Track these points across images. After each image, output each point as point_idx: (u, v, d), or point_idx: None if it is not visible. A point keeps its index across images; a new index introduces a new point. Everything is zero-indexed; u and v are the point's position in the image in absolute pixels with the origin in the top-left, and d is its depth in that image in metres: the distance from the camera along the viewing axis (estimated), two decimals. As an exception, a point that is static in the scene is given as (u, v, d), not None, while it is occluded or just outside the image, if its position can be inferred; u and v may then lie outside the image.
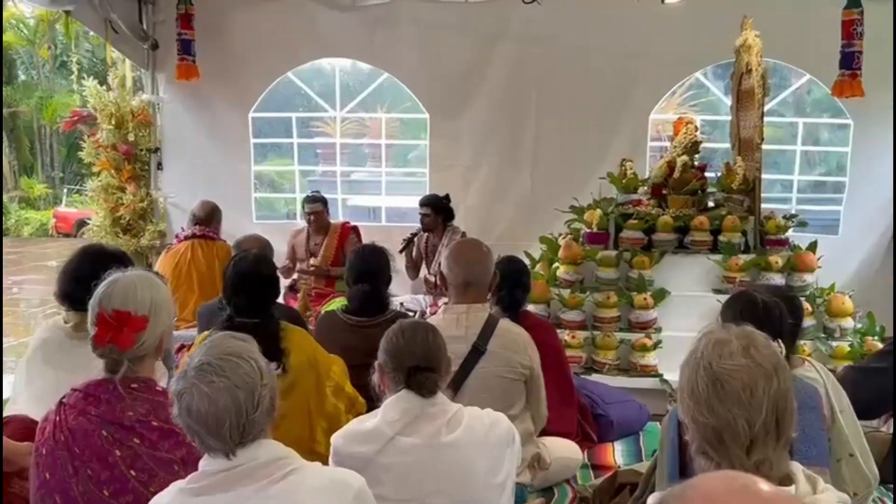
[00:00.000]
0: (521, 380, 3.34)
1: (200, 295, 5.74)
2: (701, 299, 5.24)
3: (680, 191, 5.74)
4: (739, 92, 5.90)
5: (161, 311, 2.44)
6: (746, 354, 1.78)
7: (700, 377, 1.78)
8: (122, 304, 2.37)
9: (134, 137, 7.55)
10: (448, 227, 6.72)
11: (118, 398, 2.33)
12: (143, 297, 2.40)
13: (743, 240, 5.55)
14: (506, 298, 3.93)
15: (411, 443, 2.47)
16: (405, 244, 6.73)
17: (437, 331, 2.63)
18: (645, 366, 5.25)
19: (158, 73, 7.69)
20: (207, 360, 1.92)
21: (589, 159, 7.03)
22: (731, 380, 1.75)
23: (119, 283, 2.42)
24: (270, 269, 3.59)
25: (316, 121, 10.86)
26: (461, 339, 3.23)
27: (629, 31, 7.01)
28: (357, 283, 3.95)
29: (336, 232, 6.79)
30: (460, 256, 3.45)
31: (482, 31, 7.37)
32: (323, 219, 6.77)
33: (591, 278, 5.60)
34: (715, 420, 1.75)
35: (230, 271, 3.45)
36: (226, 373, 1.90)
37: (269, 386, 1.97)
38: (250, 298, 3.34)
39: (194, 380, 1.90)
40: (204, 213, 6.29)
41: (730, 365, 1.77)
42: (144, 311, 2.39)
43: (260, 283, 3.40)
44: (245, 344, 2.01)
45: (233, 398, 1.89)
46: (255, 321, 3.26)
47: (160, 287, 2.50)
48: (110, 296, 2.38)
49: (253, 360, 1.96)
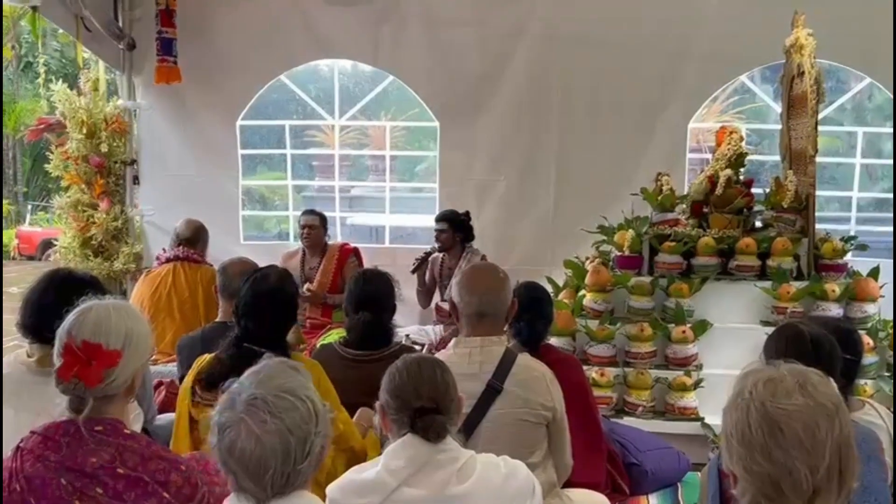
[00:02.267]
0: (543, 423, 3.33)
1: (182, 324, 5.76)
2: (747, 332, 5.22)
3: (723, 209, 5.73)
4: (790, 97, 5.90)
5: (137, 347, 2.44)
6: (804, 392, 1.77)
7: (753, 420, 1.77)
8: (94, 334, 2.36)
9: (107, 148, 7.57)
10: (467, 249, 6.76)
11: (80, 442, 2.32)
12: (117, 328, 2.40)
13: (795, 265, 5.54)
14: (525, 330, 3.92)
15: (417, 495, 2.46)
16: (418, 263, 6.76)
17: (446, 367, 2.63)
18: (684, 408, 5.22)
19: (135, 76, 7.74)
20: (262, 395, 1.92)
21: (620, 173, 7.02)
22: (789, 421, 1.74)
23: (92, 311, 2.42)
24: (293, 292, 3.63)
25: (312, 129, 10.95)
26: (474, 377, 3.22)
27: (666, 28, 7.04)
28: (357, 311, 3.95)
29: (334, 254, 6.82)
30: (473, 283, 3.44)
31: (500, 28, 7.40)
32: (319, 236, 6.80)
33: (622, 308, 5.60)
34: (772, 468, 1.74)
35: (246, 288, 3.49)
36: (280, 413, 1.91)
37: (322, 434, 1.98)
38: (263, 323, 3.39)
39: (244, 415, 1.90)
40: (190, 232, 6.30)
41: (787, 405, 1.76)
42: (118, 344, 2.38)
43: (278, 307, 3.46)
44: (302, 379, 2.02)
45: (283, 443, 1.90)
46: (263, 351, 3.29)
47: (138, 319, 2.49)
48: (81, 325, 2.38)
49: (310, 402, 1.97)
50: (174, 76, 7.29)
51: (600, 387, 5.19)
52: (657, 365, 5.43)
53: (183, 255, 6.18)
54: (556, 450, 3.43)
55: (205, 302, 5.86)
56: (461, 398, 2.64)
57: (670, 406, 5.29)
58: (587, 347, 5.44)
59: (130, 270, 7.59)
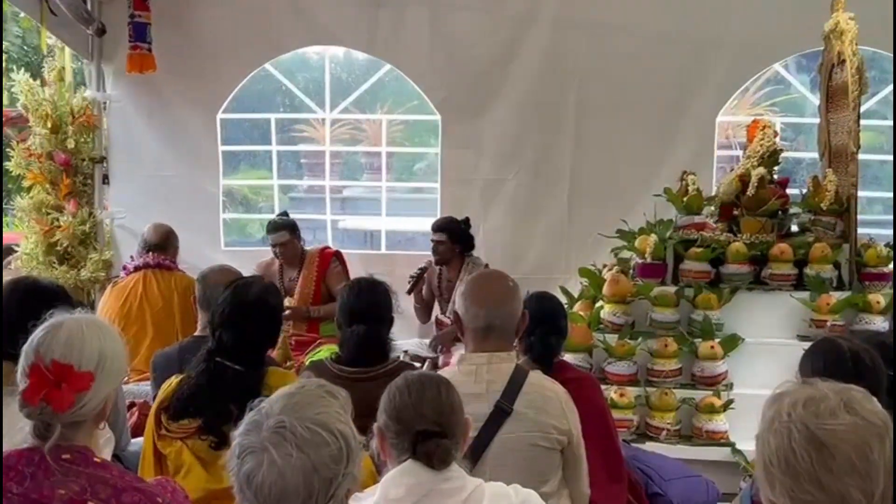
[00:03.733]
0: (557, 448, 3.33)
1: (156, 338, 5.77)
2: (782, 348, 5.20)
3: (755, 211, 5.74)
4: (829, 88, 5.91)
5: (111, 369, 2.42)
6: (850, 410, 1.77)
7: (797, 444, 1.77)
8: (64, 354, 2.34)
9: (74, 144, 7.57)
10: (467, 259, 6.73)
11: (46, 473, 2.30)
12: (90, 348, 2.38)
13: (835, 273, 5.55)
14: (537, 346, 3.92)
15: (419, 527, 2.47)
16: (414, 281, 6.72)
17: (451, 386, 2.63)
18: (712, 432, 5.22)
19: (105, 65, 7.75)
20: (291, 425, 1.92)
21: (641, 172, 7.05)
22: (839, 443, 1.74)
23: (63, 328, 2.39)
24: (277, 307, 3.64)
25: (300, 123, 10.95)
26: (481, 398, 3.22)
27: (693, 12, 7.06)
28: (350, 325, 3.95)
29: (314, 262, 6.76)
30: (480, 293, 3.45)
31: (509, 12, 7.44)
32: (293, 248, 6.73)
33: (643, 321, 5.60)
34: (824, 497, 1.74)
35: (226, 296, 3.50)
36: (308, 449, 1.91)
37: (351, 476, 1.98)
38: (241, 337, 3.40)
39: (268, 442, 1.90)
40: (158, 237, 6.31)
41: (834, 424, 1.75)
42: (91, 366, 2.36)
43: (259, 321, 3.47)
44: (339, 409, 2.02)
45: (306, 481, 1.90)
46: (237, 368, 3.30)
47: (114, 338, 2.48)
48: (51, 343, 2.35)
49: (342, 440, 1.96)
50: (148, 64, 7.31)
51: (620, 408, 5.19)
52: (683, 384, 5.42)
53: (154, 263, 6.18)
54: (571, 478, 3.42)
55: (181, 312, 5.86)
56: (468, 420, 2.64)
57: (697, 430, 5.28)
58: (605, 365, 5.44)
59: (99, 279, 7.56)
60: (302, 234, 6.88)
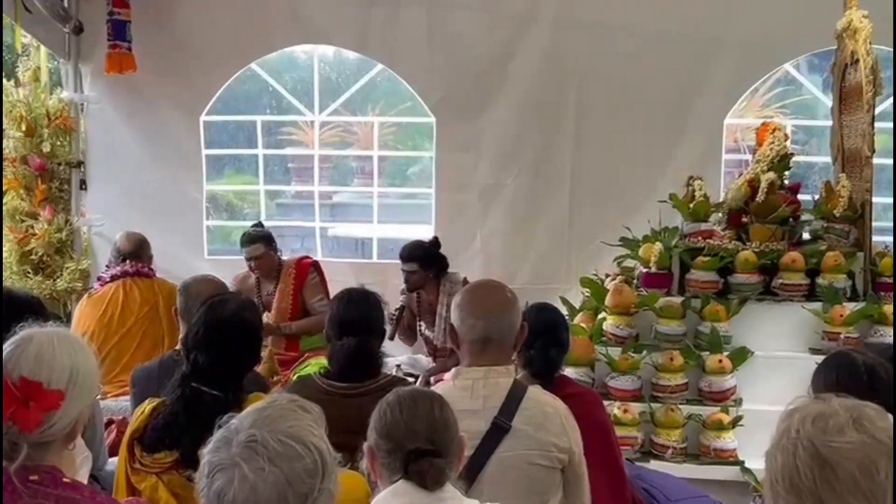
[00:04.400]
0: (557, 467, 3.32)
1: (139, 348, 5.78)
2: (794, 361, 5.21)
3: (765, 218, 5.74)
4: (843, 89, 5.92)
5: (82, 387, 2.40)
6: (859, 428, 1.77)
7: (801, 461, 1.77)
8: (34, 371, 2.32)
9: (50, 148, 7.58)
10: (444, 278, 6.66)
11: (13, 494, 2.27)
12: (61, 364, 2.36)
13: (849, 283, 5.55)
14: (537, 359, 3.92)
15: (411, 551, 2.46)
16: (394, 325, 6.50)
17: (445, 402, 2.63)
18: (720, 450, 5.22)
19: (83, 65, 7.76)
20: (262, 438, 1.91)
21: (645, 177, 7.06)
22: (843, 461, 1.74)
23: (34, 342, 2.37)
24: (256, 324, 3.62)
25: (287, 126, 10.95)
26: (477, 414, 3.22)
27: (698, 9, 7.09)
28: (340, 337, 3.94)
29: (290, 273, 6.67)
30: (477, 304, 3.44)
31: (508, 11, 7.47)
32: (269, 261, 6.63)
33: (648, 333, 5.60)
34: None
35: (200, 315, 3.47)
36: (281, 462, 1.90)
37: (327, 491, 1.96)
38: (217, 358, 3.36)
39: (238, 458, 1.89)
40: (132, 246, 6.30)
41: (840, 442, 1.76)
42: (61, 383, 2.34)
43: (238, 341, 3.44)
44: (311, 423, 2.01)
45: (279, 496, 1.89)
46: (214, 394, 3.27)
47: (86, 354, 2.46)
48: (19, 358, 2.33)
49: (317, 453, 1.95)
50: (128, 64, 7.31)
51: (624, 425, 5.18)
52: (689, 400, 5.42)
53: (133, 270, 6.17)
54: (572, 498, 3.42)
55: (168, 317, 5.82)
56: (463, 438, 2.64)
57: (705, 448, 5.27)
58: (608, 379, 5.44)
59: (76, 290, 7.54)
60: (290, 242, 6.85)
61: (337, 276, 7.03)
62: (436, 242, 6.70)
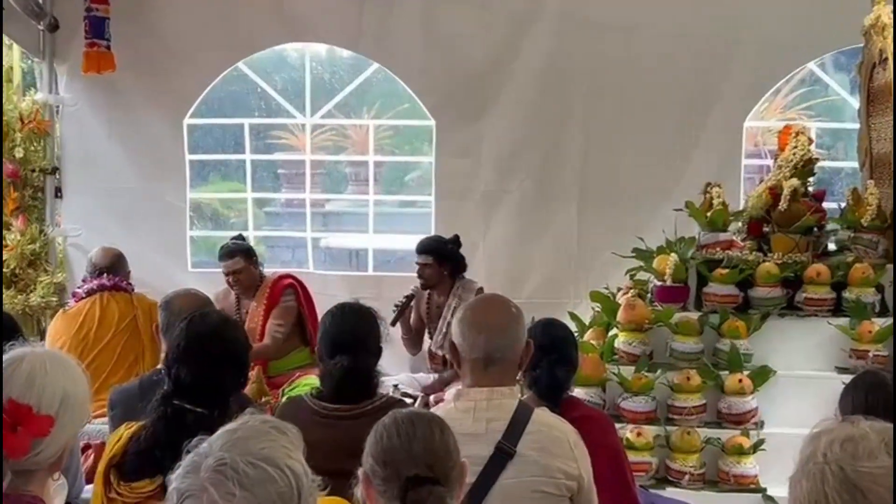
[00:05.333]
0: (566, 495, 3.32)
1: (118, 365, 5.78)
2: (819, 381, 5.23)
3: (788, 228, 5.74)
4: (871, 90, 5.93)
5: (73, 413, 2.40)
6: (891, 452, 1.78)
7: (830, 488, 1.77)
8: (23, 394, 2.32)
9: (23, 153, 7.60)
10: (457, 281, 6.74)
11: None
12: (53, 388, 2.36)
13: (878, 298, 5.54)
14: (543, 379, 3.92)
15: (409, 585, 2.45)
16: (398, 312, 6.69)
17: (446, 426, 2.62)
18: (741, 476, 5.21)
19: (58, 64, 7.79)
20: (232, 462, 1.90)
21: (659, 184, 7.06)
22: (874, 487, 1.75)
23: (24, 363, 2.37)
24: (240, 337, 3.63)
25: (277, 129, 10.96)
26: (480, 438, 3.21)
27: (716, 5, 7.11)
28: (333, 356, 3.94)
29: (264, 293, 6.68)
30: (479, 320, 3.44)
31: (510, 6, 7.49)
32: (248, 276, 6.64)
33: (663, 351, 5.59)
34: None
35: (181, 328, 3.48)
36: (252, 486, 1.88)
37: None
38: (200, 374, 3.36)
39: (207, 483, 1.88)
40: (108, 260, 6.32)
41: (871, 467, 1.76)
42: (51, 408, 2.34)
43: (222, 354, 3.44)
44: (286, 444, 2.00)
45: None
46: (198, 411, 3.27)
47: (78, 378, 2.46)
48: (9, 379, 2.34)
49: (292, 476, 1.94)
50: (106, 63, 7.30)
51: (637, 450, 5.17)
52: (707, 422, 5.41)
53: (111, 284, 6.18)
54: (581, 529, 3.42)
55: (148, 333, 5.83)
56: (464, 464, 2.63)
57: (724, 474, 5.26)
58: (620, 401, 5.43)
59: (51, 305, 7.55)
60: (280, 253, 6.85)
61: (330, 290, 7.06)
62: (456, 241, 6.79)
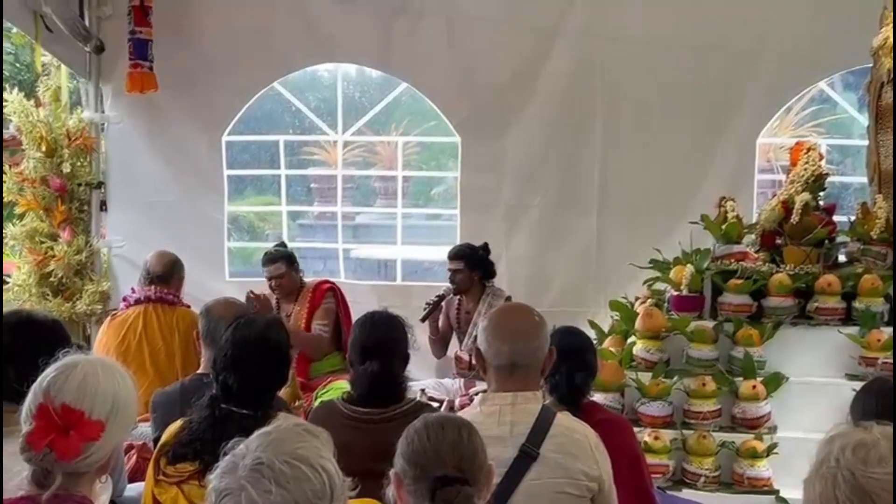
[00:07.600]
0: (587, 496, 3.31)
1: (155, 377, 5.77)
2: (830, 387, 5.21)
3: (800, 240, 5.73)
4: (879, 108, 5.90)
5: (123, 418, 2.42)
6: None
7: (841, 492, 1.78)
8: (77, 399, 2.33)
9: (70, 168, 7.61)
10: (487, 288, 6.75)
11: None
12: (104, 394, 2.37)
13: (887, 307, 5.51)
14: (564, 385, 3.92)
15: (438, 582, 2.46)
16: (430, 309, 6.73)
17: (473, 429, 2.63)
18: (755, 479, 5.19)
19: (104, 84, 7.83)
20: (269, 461, 1.91)
21: (676, 197, 7.05)
22: (882, 493, 1.75)
23: (77, 370, 2.38)
24: (284, 342, 3.66)
25: (310, 146, 11.00)
26: (505, 441, 3.21)
27: (731, 26, 7.10)
28: (363, 362, 3.95)
29: (307, 297, 6.72)
30: (504, 328, 3.44)
31: (533, 25, 7.49)
32: (290, 282, 6.69)
33: (679, 358, 5.58)
34: None
35: (227, 336, 3.52)
36: (288, 483, 1.89)
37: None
38: (246, 379, 3.41)
39: (245, 481, 1.89)
40: (162, 268, 6.28)
41: (880, 474, 1.76)
42: (102, 413, 2.35)
43: (267, 360, 3.49)
44: (319, 445, 2.01)
45: None
46: (243, 412, 3.30)
47: (128, 385, 2.47)
48: (63, 385, 2.34)
49: (325, 474, 1.95)
50: (149, 84, 7.34)
51: (654, 453, 5.17)
52: (722, 427, 5.39)
53: (155, 297, 6.15)
54: (602, 528, 3.41)
55: (182, 351, 5.85)
56: (491, 466, 2.64)
57: (738, 476, 5.24)
58: (638, 405, 5.42)
59: (96, 312, 7.58)
60: (312, 263, 6.87)
61: (360, 299, 7.05)
62: (486, 248, 6.81)
